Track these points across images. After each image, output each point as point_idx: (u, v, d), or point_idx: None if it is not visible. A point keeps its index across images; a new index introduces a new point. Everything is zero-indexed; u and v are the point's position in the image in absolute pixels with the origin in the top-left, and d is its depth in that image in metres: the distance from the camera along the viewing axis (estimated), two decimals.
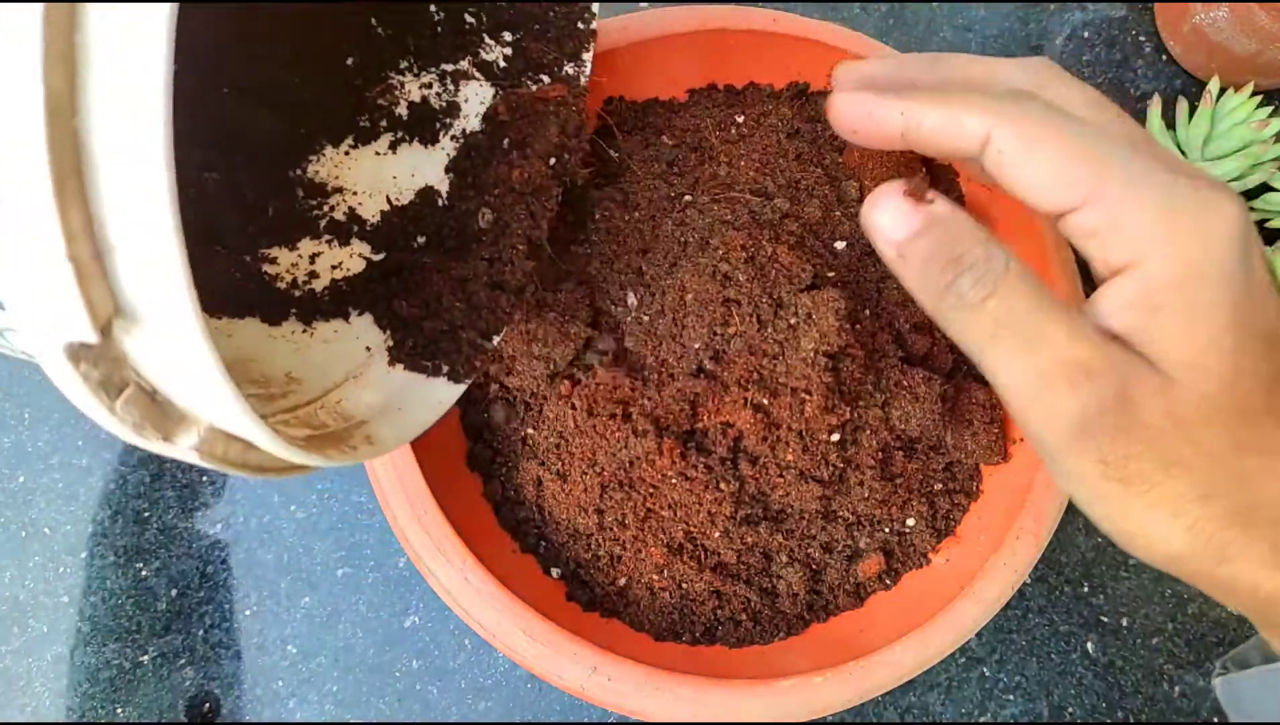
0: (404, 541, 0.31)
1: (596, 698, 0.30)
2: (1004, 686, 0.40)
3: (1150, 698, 0.40)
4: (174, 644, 0.38)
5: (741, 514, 0.32)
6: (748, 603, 0.33)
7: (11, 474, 0.40)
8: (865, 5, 0.51)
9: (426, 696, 0.38)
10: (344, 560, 0.40)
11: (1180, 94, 0.50)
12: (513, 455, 0.34)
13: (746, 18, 0.38)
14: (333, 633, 0.39)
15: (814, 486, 0.32)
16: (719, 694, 0.30)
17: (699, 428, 0.31)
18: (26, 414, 0.41)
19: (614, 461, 0.31)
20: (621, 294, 0.33)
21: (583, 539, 0.33)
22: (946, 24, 0.52)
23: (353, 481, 0.41)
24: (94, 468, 0.40)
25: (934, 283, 0.21)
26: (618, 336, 0.33)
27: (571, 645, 0.30)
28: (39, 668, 0.38)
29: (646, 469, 0.31)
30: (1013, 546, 0.32)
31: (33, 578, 0.39)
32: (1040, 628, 0.41)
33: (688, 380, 0.31)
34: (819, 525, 0.33)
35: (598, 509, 0.32)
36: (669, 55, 0.38)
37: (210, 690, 0.38)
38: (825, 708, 0.30)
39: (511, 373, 0.33)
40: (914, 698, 0.40)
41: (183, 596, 0.39)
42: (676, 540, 0.32)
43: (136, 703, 0.38)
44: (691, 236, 0.33)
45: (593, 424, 0.31)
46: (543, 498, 0.33)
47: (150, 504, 0.40)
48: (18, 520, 0.40)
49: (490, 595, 0.30)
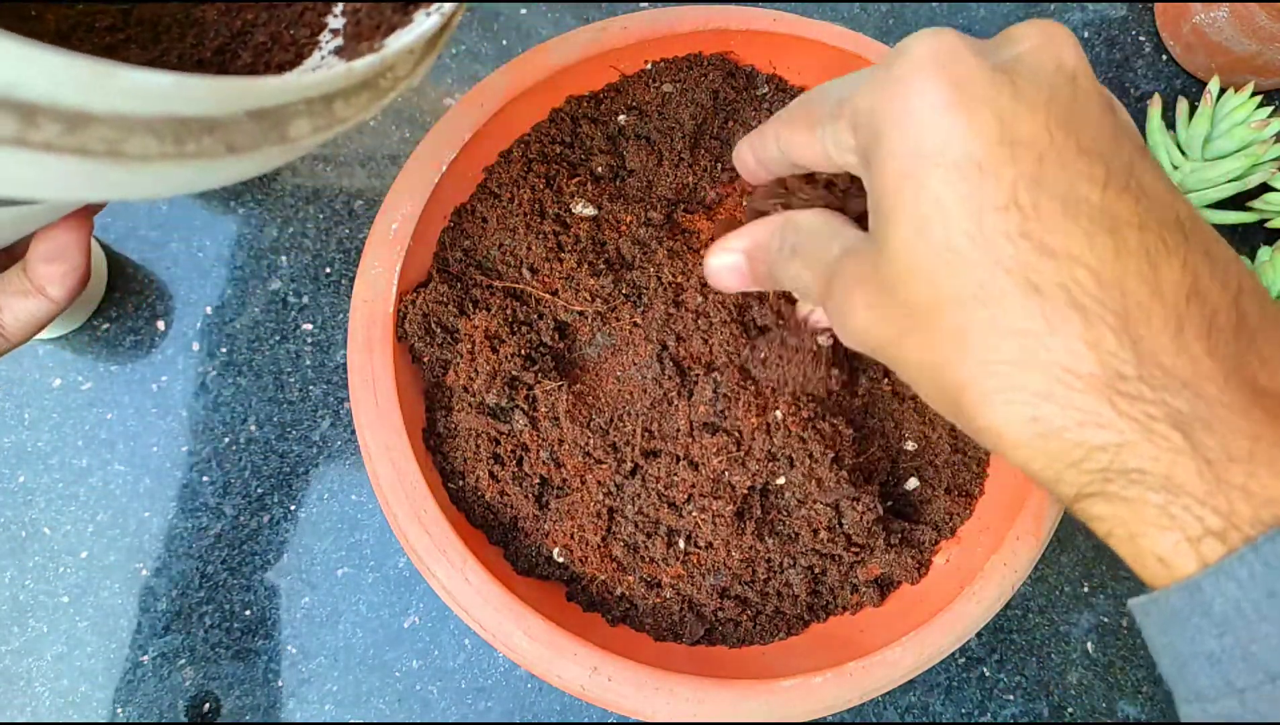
0: (404, 541, 0.31)
1: (596, 698, 0.30)
2: (1004, 686, 0.40)
3: (1150, 698, 0.40)
4: (174, 644, 0.38)
5: (749, 529, 0.32)
6: (748, 603, 0.33)
7: (11, 474, 0.40)
8: (865, 5, 0.51)
9: (426, 696, 0.38)
10: (344, 560, 0.40)
11: (1180, 94, 0.50)
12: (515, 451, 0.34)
13: (746, 18, 0.38)
14: (333, 633, 0.39)
15: (825, 509, 0.32)
16: (719, 694, 0.30)
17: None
18: (26, 414, 0.41)
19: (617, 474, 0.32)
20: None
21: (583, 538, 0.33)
22: (946, 24, 0.52)
23: (353, 481, 0.41)
24: (94, 468, 0.40)
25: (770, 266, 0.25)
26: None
27: (571, 645, 0.30)
28: (39, 668, 0.38)
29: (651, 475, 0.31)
30: (1013, 546, 0.32)
31: (33, 578, 0.39)
32: (1040, 628, 0.41)
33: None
34: (824, 537, 0.33)
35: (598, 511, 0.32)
36: (669, 55, 0.38)
37: (210, 690, 0.38)
38: (825, 708, 0.30)
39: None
40: (914, 698, 0.40)
41: (183, 596, 0.39)
42: (676, 541, 0.32)
43: (136, 703, 0.38)
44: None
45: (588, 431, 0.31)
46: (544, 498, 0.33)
47: (150, 504, 0.40)
48: (18, 520, 0.40)
49: (490, 595, 0.30)
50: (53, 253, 0.25)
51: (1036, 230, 0.18)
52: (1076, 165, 0.18)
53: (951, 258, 0.18)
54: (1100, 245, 0.17)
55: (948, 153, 0.18)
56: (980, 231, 0.18)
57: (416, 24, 0.22)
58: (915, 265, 0.19)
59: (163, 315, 0.43)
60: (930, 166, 0.18)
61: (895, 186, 0.19)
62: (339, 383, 0.42)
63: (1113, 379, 0.17)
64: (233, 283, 0.43)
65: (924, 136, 0.18)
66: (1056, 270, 0.18)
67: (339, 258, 0.44)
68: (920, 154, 0.18)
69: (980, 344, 0.18)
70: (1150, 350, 0.17)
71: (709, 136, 0.39)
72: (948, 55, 0.19)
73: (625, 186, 0.37)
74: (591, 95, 0.38)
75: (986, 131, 0.18)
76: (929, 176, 0.18)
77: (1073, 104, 0.18)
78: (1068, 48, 0.19)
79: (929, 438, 0.36)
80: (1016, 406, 0.18)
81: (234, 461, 0.41)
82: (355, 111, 0.19)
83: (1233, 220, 0.47)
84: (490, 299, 0.34)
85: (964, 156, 0.18)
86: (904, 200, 0.19)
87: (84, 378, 0.41)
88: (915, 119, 0.19)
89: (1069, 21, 0.52)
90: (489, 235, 0.36)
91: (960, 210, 0.18)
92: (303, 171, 0.45)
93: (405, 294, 0.34)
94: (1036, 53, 0.19)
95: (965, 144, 0.18)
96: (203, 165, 0.15)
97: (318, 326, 0.43)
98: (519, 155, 0.37)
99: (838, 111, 0.21)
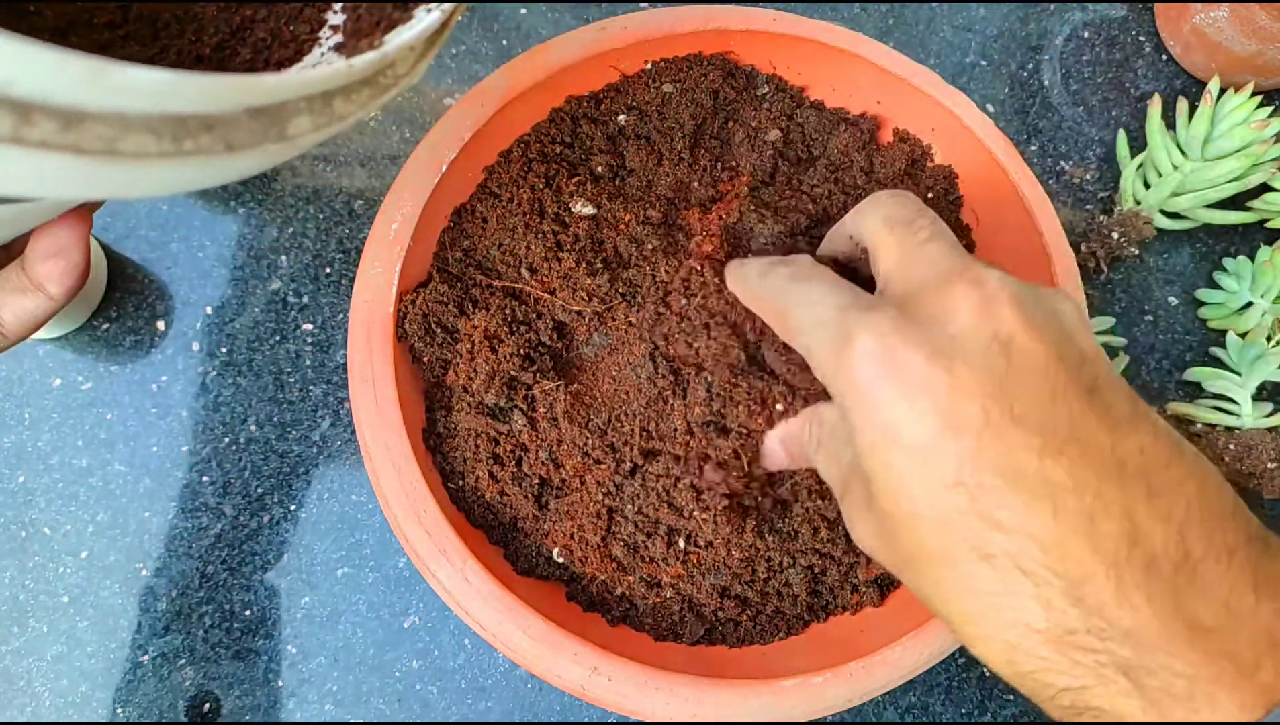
0: (404, 541, 0.31)
1: (596, 698, 0.30)
2: (1004, 686, 0.40)
3: None
4: (174, 644, 0.38)
5: (749, 528, 0.32)
6: (748, 602, 0.33)
7: (11, 474, 0.40)
8: (865, 5, 0.51)
9: (426, 696, 0.38)
10: (344, 560, 0.40)
11: (1180, 94, 0.50)
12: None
13: (746, 18, 0.38)
14: (333, 633, 0.39)
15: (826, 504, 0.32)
16: (719, 694, 0.30)
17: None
18: (26, 414, 0.41)
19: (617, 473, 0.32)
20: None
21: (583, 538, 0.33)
22: (946, 24, 0.52)
23: (353, 481, 0.41)
24: (94, 468, 0.40)
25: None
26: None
27: (571, 645, 0.30)
28: (39, 668, 0.38)
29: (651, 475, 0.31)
30: None
31: (33, 578, 0.39)
32: None
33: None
34: (824, 536, 0.33)
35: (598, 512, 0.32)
36: (669, 55, 0.38)
37: (210, 690, 0.38)
38: (825, 708, 0.30)
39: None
40: (914, 698, 0.40)
41: (183, 596, 0.39)
42: (676, 541, 0.32)
43: (136, 703, 0.38)
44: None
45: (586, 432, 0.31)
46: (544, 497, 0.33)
47: (150, 504, 0.40)
48: (18, 520, 0.40)
49: (490, 595, 0.30)
50: (51, 250, 0.25)
51: (982, 504, 0.19)
52: (1012, 437, 0.19)
53: (919, 524, 0.21)
54: (1040, 513, 0.19)
55: (902, 437, 0.20)
56: (937, 506, 0.20)
57: (417, 20, 0.22)
58: (895, 521, 0.21)
59: (163, 315, 0.43)
60: (890, 445, 0.21)
61: (868, 452, 0.21)
62: (339, 383, 0.42)
63: (1064, 634, 0.19)
64: (233, 283, 0.43)
65: (880, 420, 0.21)
66: (1006, 541, 0.19)
67: (339, 258, 0.44)
68: (883, 432, 0.21)
69: (954, 598, 0.21)
70: (1095, 605, 0.19)
71: (709, 136, 0.39)
72: (888, 350, 0.21)
73: (625, 186, 0.37)
74: (591, 95, 0.38)
75: (927, 419, 0.20)
76: (891, 453, 0.21)
77: (1006, 376, 0.20)
78: (1004, 310, 0.20)
79: None
80: (995, 651, 0.20)
81: (234, 461, 0.41)
82: (355, 108, 0.19)
83: (1233, 220, 0.47)
84: (490, 299, 0.34)
85: (912, 440, 0.20)
86: (876, 468, 0.21)
87: (84, 378, 0.41)
88: (870, 406, 0.21)
89: (1069, 21, 0.52)
90: (489, 235, 0.36)
91: (919, 486, 0.20)
92: (303, 171, 0.45)
93: (405, 294, 0.34)
94: (972, 328, 0.20)
95: (912, 430, 0.20)
96: (201, 163, 0.15)
97: (318, 326, 0.43)
98: (519, 155, 0.37)
99: (808, 346, 0.24)
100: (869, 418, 0.21)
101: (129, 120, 0.14)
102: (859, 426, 0.21)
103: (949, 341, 0.20)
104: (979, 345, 0.20)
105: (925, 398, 0.20)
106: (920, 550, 0.21)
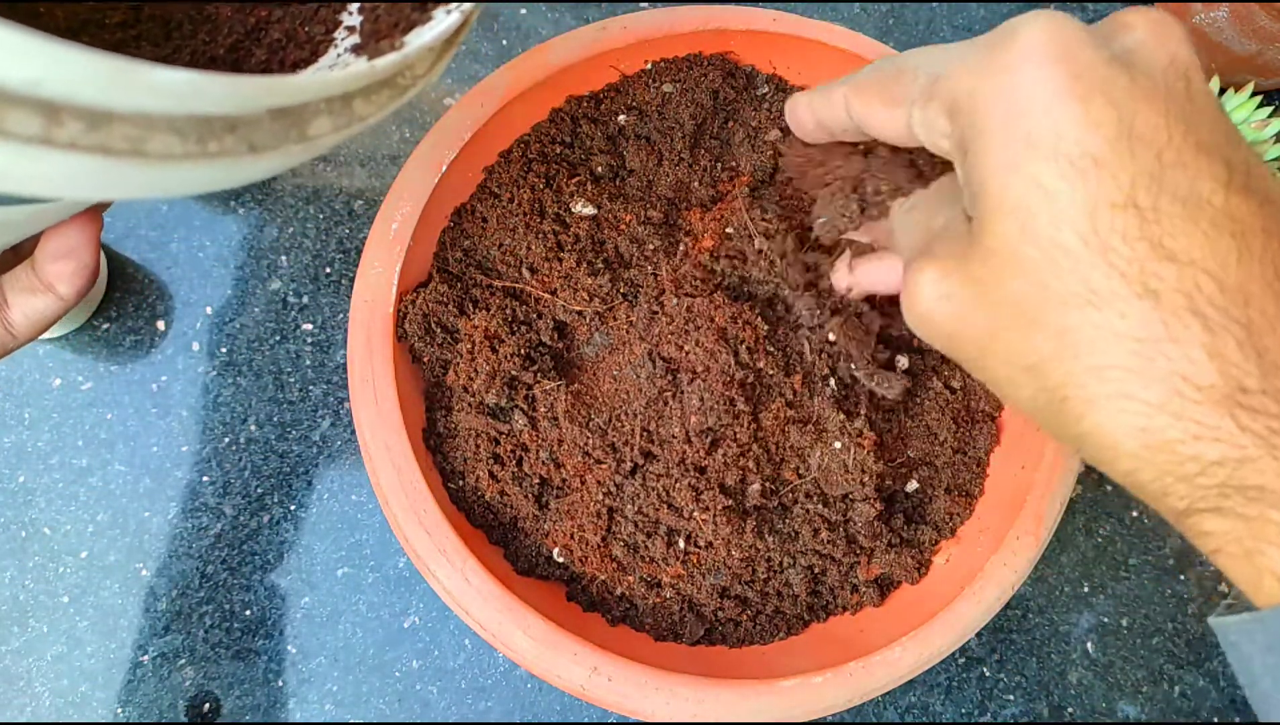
0: (404, 541, 0.31)
1: (596, 698, 0.30)
2: (1004, 686, 0.40)
3: (1150, 698, 0.40)
4: (174, 644, 0.38)
5: (749, 528, 0.32)
6: (748, 602, 0.33)
7: (11, 474, 0.40)
8: (865, 5, 0.51)
9: (426, 696, 0.38)
10: (344, 560, 0.40)
11: None
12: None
13: (747, 18, 0.38)
14: (333, 633, 0.39)
15: (821, 506, 0.32)
16: (719, 694, 0.30)
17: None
18: (26, 414, 0.41)
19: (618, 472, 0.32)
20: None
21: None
22: (946, 24, 0.52)
23: (353, 481, 0.41)
24: (94, 468, 0.40)
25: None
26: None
27: (571, 645, 0.30)
28: (39, 668, 0.38)
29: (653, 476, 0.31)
30: (1013, 546, 0.32)
31: (33, 578, 0.39)
32: (1040, 628, 0.41)
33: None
34: (824, 536, 0.33)
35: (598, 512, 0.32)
36: (669, 55, 0.38)
37: (210, 690, 0.38)
38: (825, 708, 0.30)
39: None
40: (914, 698, 0.40)
41: (183, 596, 0.39)
42: (676, 541, 0.32)
43: (136, 703, 0.38)
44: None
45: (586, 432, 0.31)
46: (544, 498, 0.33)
47: (150, 504, 0.40)
48: (18, 520, 0.40)
49: (490, 595, 0.30)
50: (62, 251, 0.25)
51: (1155, 232, 0.17)
52: (1197, 163, 0.17)
53: (1060, 256, 0.17)
54: (1223, 249, 0.17)
55: (1062, 145, 0.17)
56: (1094, 230, 0.17)
57: (437, 21, 0.22)
58: (1018, 261, 0.18)
59: (163, 315, 0.43)
60: (1041, 159, 0.17)
61: (1000, 178, 0.18)
62: (339, 383, 0.42)
63: (1234, 391, 0.16)
64: (233, 283, 0.43)
65: (1036, 127, 0.17)
66: (1177, 275, 0.17)
67: (339, 258, 0.44)
68: (1031, 144, 0.17)
69: (1090, 348, 0.18)
70: (1276, 362, 0.16)
71: (709, 136, 0.39)
72: (1063, 42, 0.18)
73: (625, 186, 0.37)
74: (591, 95, 0.38)
75: (1105, 125, 0.17)
76: (1040, 169, 0.17)
77: (1188, 101, 0.17)
78: (1181, 43, 0.18)
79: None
80: (1128, 415, 0.17)
81: (234, 461, 0.41)
82: (375, 110, 0.19)
83: None
84: (490, 299, 0.34)
85: (1079, 150, 0.17)
86: (1010, 193, 0.18)
87: (84, 378, 0.41)
88: (1026, 108, 0.18)
89: None
90: (489, 235, 0.36)
91: (1073, 207, 0.17)
92: (303, 171, 0.45)
93: (405, 294, 0.34)
94: (1149, 46, 0.18)
95: (1081, 137, 0.17)
96: (225, 164, 0.15)
97: (318, 326, 0.43)
98: (519, 155, 0.37)
99: (930, 91, 0.20)
100: (1020, 126, 0.18)
101: (154, 121, 0.14)
102: (1000, 141, 0.18)
103: (1126, 51, 0.18)
104: (1159, 64, 0.18)
105: (1104, 101, 0.17)
106: (1050, 294, 0.18)
